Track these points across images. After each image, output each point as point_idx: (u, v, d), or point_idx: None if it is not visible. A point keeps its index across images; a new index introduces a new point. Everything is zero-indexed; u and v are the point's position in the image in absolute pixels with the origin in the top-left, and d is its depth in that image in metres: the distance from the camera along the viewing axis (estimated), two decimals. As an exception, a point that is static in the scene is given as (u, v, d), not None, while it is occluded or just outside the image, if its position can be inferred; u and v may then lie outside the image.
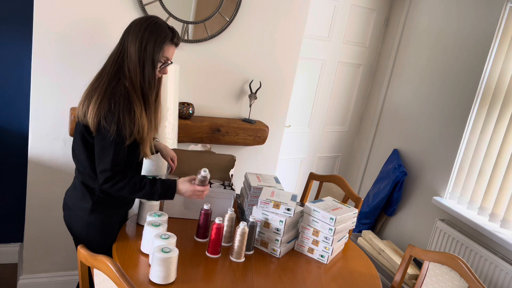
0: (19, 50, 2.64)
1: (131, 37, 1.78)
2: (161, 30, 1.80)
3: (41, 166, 2.55)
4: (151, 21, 1.81)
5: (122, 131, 1.74)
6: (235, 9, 2.76)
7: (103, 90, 1.75)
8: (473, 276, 1.91)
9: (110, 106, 1.72)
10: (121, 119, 1.73)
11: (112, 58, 1.82)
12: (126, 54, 1.79)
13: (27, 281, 2.69)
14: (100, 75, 1.82)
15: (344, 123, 3.99)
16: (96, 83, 1.80)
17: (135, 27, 1.79)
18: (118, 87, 1.76)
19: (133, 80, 1.78)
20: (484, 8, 3.05)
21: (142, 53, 1.77)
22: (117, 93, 1.74)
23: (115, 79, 1.78)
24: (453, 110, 3.22)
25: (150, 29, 1.78)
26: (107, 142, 1.74)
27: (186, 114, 2.71)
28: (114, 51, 1.83)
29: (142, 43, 1.77)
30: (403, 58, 3.68)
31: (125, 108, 1.74)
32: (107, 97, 1.73)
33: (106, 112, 1.72)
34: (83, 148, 1.83)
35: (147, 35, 1.77)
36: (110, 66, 1.80)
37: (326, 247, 2.10)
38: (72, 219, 1.93)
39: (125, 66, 1.79)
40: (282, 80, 3.07)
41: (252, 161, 3.17)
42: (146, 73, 1.79)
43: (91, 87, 1.81)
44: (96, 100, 1.74)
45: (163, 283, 1.69)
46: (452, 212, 3.08)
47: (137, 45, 1.77)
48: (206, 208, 2.03)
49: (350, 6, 3.57)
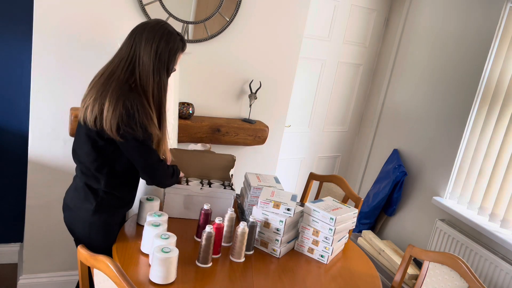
0: (19, 50, 2.64)
1: (145, 45, 1.77)
2: (174, 39, 1.82)
3: (41, 166, 2.55)
4: (164, 29, 1.81)
5: (146, 131, 1.76)
6: (235, 9, 2.76)
7: (115, 96, 1.72)
8: (473, 276, 1.91)
9: (127, 110, 1.71)
10: (141, 119, 1.74)
11: (123, 63, 1.79)
12: (138, 61, 1.78)
13: (27, 281, 2.69)
14: (108, 79, 1.78)
15: (344, 123, 3.99)
16: (104, 88, 1.76)
17: (148, 35, 1.78)
18: (131, 93, 1.75)
19: (145, 88, 1.79)
20: (484, 8, 3.05)
21: (157, 63, 1.79)
22: (131, 96, 1.73)
23: (126, 85, 1.76)
24: (453, 110, 3.22)
25: (165, 38, 1.79)
26: (137, 144, 1.77)
27: (186, 114, 2.71)
28: (124, 55, 1.80)
29: (157, 52, 1.78)
30: (403, 58, 3.68)
31: (143, 110, 1.75)
32: (121, 101, 1.72)
33: (124, 117, 1.71)
34: (91, 151, 1.81)
35: (163, 45, 1.79)
36: (121, 72, 1.78)
37: (326, 247, 2.10)
38: (73, 220, 1.93)
39: (137, 73, 1.78)
40: (282, 80, 3.07)
41: (252, 161, 3.17)
42: (161, 81, 1.81)
43: (98, 92, 1.76)
44: (109, 107, 1.71)
45: (163, 283, 1.69)
46: (452, 212, 3.08)
47: (152, 54, 1.77)
48: (206, 208, 2.03)
49: (350, 6, 3.57)
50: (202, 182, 2.30)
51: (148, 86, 1.79)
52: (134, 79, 1.78)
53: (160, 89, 1.82)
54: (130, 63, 1.79)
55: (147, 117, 1.76)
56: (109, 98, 1.73)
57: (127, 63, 1.79)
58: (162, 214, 1.94)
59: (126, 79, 1.78)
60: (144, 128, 1.75)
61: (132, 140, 1.76)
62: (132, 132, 1.73)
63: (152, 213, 1.94)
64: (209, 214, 2.04)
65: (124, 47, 1.81)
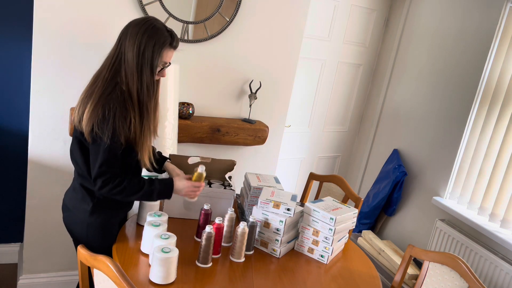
0: (19, 50, 2.64)
1: (129, 41, 1.73)
2: (160, 34, 1.75)
3: (41, 166, 2.55)
4: (150, 24, 1.75)
5: (116, 138, 1.70)
6: (235, 9, 2.76)
7: (97, 96, 1.71)
8: (473, 276, 1.91)
9: (104, 112, 1.68)
10: (116, 125, 1.69)
11: (108, 62, 1.77)
12: (123, 58, 1.74)
13: (27, 281, 2.69)
14: (95, 80, 1.78)
15: (344, 123, 3.99)
16: (91, 88, 1.76)
17: (132, 30, 1.74)
18: (113, 93, 1.71)
19: (129, 86, 1.74)
20: (484, 8, 3.05)
21: (140, 59, 1.72)
22: (112, 99, 1.70)
23: (111, 85, 1.73)
24: (453, 110, 3.22)
25: (148, 33, 1.73)
26: (101, 148, 1.71)
27: (186, 114, 2.71)
28: (111, 54, 1.78)
29: (140, 48, 1.72)
30: (403, 58, 3.68)
31: (120, 115, 1.70)
32: (101, 103, 1.69)
33: (99, 119, 1.68)
34: (80, 153, 1.81)
35: (146, 40, 1.72)
36: (106, 71, 1.75)
37: (326, 247, 2.10)
38: (71, 220, 1.93)
39: (122, 71, 1.75)
40: (282, 80, 3.07)
41: (252, 161, 3.17)
42: (144, 79, 1.75)
43: (86, 93, 1.77)
44: (90, 107, 1.70)
45: (163, 283, 1.69)
46: (452, 212, 3.08)
47: (135, 50, 1.72)
48: (206, 208, 2.03)
49: (350, 6, 3.57)
50: None
51: (133, 83, 1.74)
52: (120, 77, 1.75)
53: (143, 87, 1.75)
54: (115, 61, 1.75)
55: (125, 121, 1.71)
56: (92, 98, 1.72)
57: (113, 61, 1.76)
58: (162, 214, 1.94)
59: (112, 77, 1.75)
60: (113, 135, 1.69)
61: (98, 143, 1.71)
62: (101, 135, 1.70)
63: (152, 213, 1.94)
64: (209, 214, 2.04)
65: (113, 47, 1.79)
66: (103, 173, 1.73)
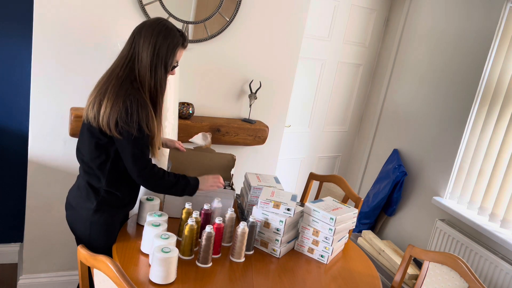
0: (19, 50, 2.64)
1: (143, 42, 1.79)
2: (173, 34, 1.83)
3: (41, 166, 2.55)
4: (163, 25, 1.82)
5: (143, 129, 1.77)
6: (235, 9, 2.76)
7: (114, 93, 1.76)
8: (473, 276, 1.91)
9: (126, 107, 1.74)
10: (140, 117, 1.75)
11: (122, 61, 1.82)
12: (137, 58, 1.80)
13: (27, 281, 2.69)
14: (108, 78, 1.82)
15: (344, 123, 3.99)
16: (105, 85, 1.80)
17: (146, 30, 1.80)
18: (131, 89, 1.77)
19: (143, 84, 1.81)
20: (484, 8, 3.05)
21: (155, 58, 1.80)
22: (132, 94, 1.76)
23: (126, 82, 1.79)
24: (453, 110, 3.22)
25: (163, 34, 1.80)
26: (132, 141, 1.76)
27: (186, 114, 2.71)
28: (124, 54, 1.83)
29: (155, 48, 1.79)
30: (403, 58, 3.68)
31: (142, 108, 1.76)
32: (121, 99, 1.74)
33: (123, 113, 1.73)
34: (94, 149, 1.83)
35: (161, 40, 1.80)
36: (120, 69, 1.81)
37: (326, 247, 2.10)
38: (75, 218, 1.93)
39: (136, 70, 1.81)
40: (282, 80, 3.07)
41: (252, 161, 3.17)
42: (158, 77, 1.82)
43: (99, 90, 1.81)
44: (108, 103, 1.75)
45: (163, 283, 1.69)
46: (452, 212, 3.08)
47: (150, 49, 1.79)
48: (206, 208, 2.03)
49: (350, 6, 3.57)
50: None
51: (145, 81, 1.81)
52: (134, 76, 1.81)
53: (157, 85, 1.83)
54: (129, 61, 1.81)
55: (146, 116, 1.77)
56: (108, 95, 1.76)
57: (127, 60, 1.82)
58: (162, 214, 1.94)
59: (126, 75, 1.80)
60: (139, 126, 1.76)
61: (127, 136, 1.77)
62: (128, 129, 1.75)
63: (152, 213, 1.94)
64: (209, 214, 2.04)
65: (125, 46, 1.85)
66: (141, 163, 1.80)
